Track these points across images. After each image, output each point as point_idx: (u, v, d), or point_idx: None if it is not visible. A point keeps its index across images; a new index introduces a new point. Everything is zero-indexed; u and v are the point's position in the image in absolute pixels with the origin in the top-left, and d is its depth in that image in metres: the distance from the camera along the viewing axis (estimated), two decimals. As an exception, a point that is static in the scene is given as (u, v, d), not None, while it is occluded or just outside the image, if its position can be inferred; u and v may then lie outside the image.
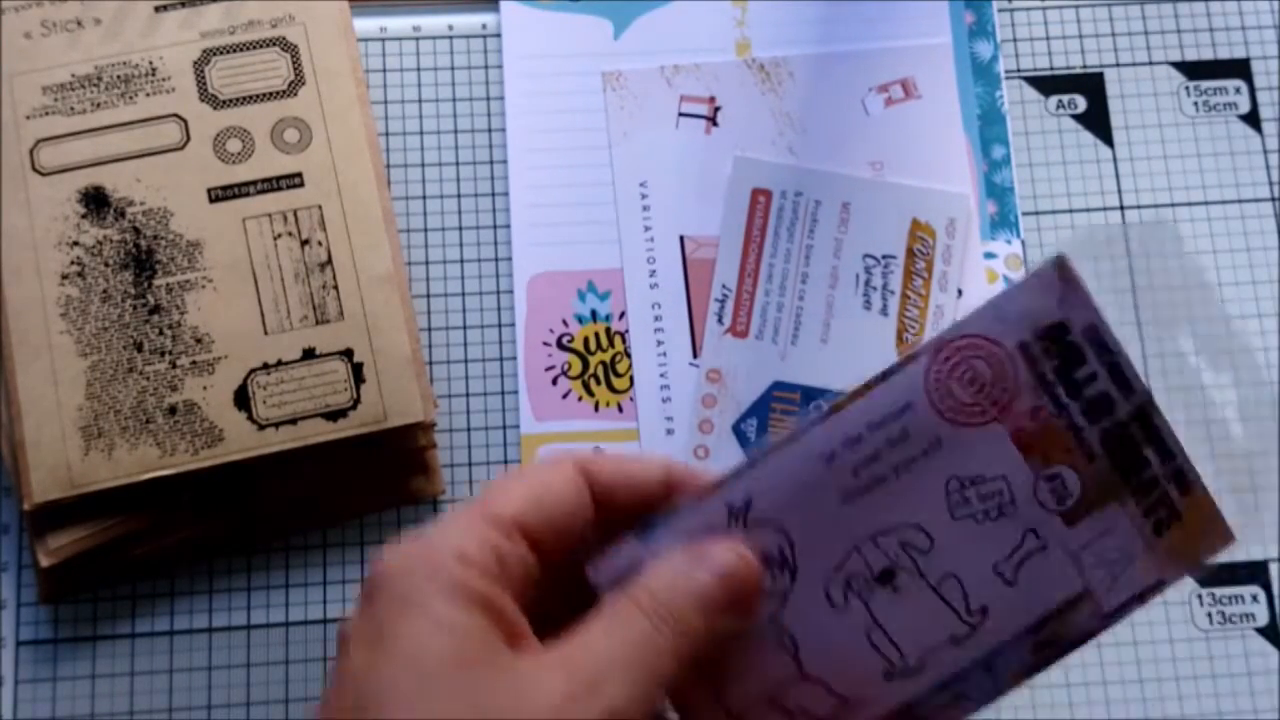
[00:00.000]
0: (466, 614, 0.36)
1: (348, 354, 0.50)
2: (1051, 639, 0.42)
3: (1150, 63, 0.58)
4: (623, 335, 0.54)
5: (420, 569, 0.37)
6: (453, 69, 0.56)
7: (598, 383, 0.53)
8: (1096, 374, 0.42)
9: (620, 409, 0.53)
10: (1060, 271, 0.41)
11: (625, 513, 0.40)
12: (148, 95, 0.51)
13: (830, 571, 0.41)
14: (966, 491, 0.42)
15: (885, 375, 0.41)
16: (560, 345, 0.54)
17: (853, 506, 0.41)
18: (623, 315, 0.54)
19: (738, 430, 0.53)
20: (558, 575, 0.39)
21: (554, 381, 0.53)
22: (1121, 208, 0.55)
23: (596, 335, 0.54)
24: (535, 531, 0.38)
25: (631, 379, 0.54)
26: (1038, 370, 0.41)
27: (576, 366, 0.54)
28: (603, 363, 0.54)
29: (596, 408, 0.53)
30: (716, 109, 0.56)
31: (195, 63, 0.52)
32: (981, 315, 0.41)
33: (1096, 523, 0.42)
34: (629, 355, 0.54)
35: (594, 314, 0.54)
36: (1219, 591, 0.52)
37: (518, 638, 0.37)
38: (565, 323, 0.54)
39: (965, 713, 0.42)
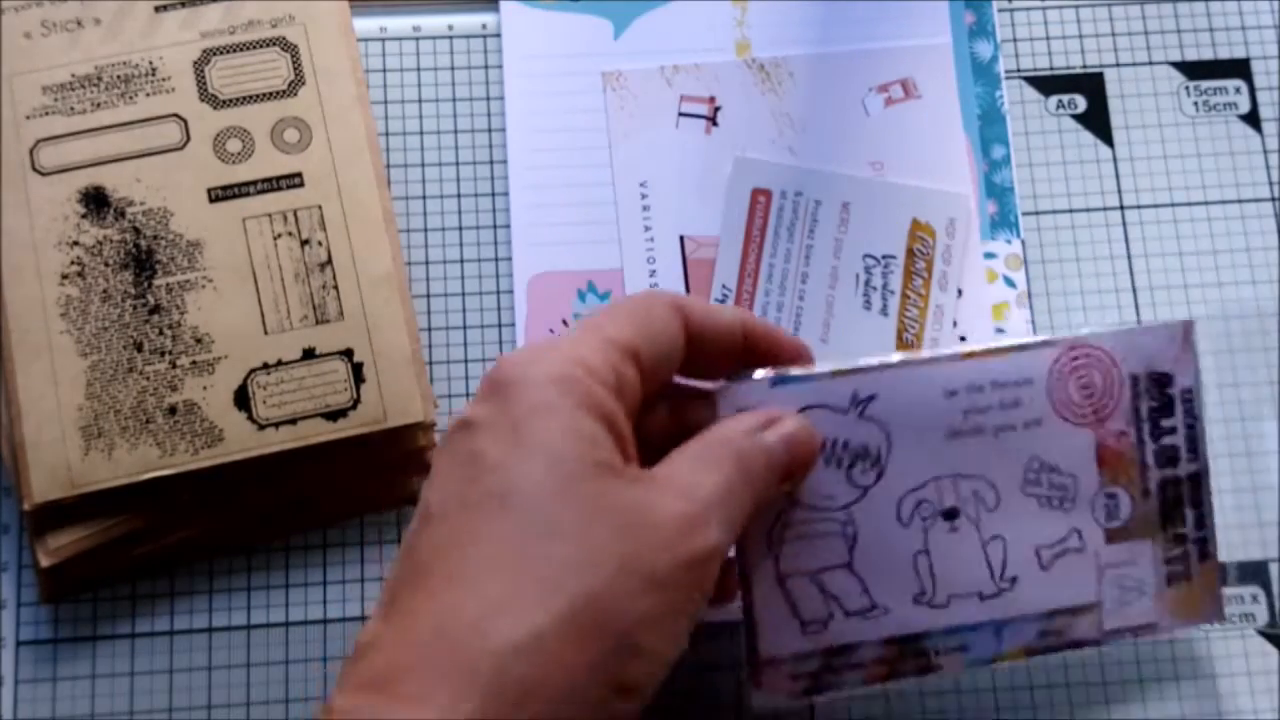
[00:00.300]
0: (595, 424, 0.38)
1: (348, 354, 0.50)
2: (1055, 630, 0.47)
3: (1150, 63, 0.58)
4: (623, 335, 0.54)
5: (554, 373, 0.38)
6: (452, 69, 0.56)
7: (598, 383, 0.53)
8: (1177, 429, 0.47)
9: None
10: (1185, 334, 0.48)
11: (706, 356, 0.43)
12: (148, 95, 0.51)
13: (909, 489, 0.46)
14: (1042, 474, 0.46)
15: (1020, 347, 0.47)
16: (560, 345, 0.54)
17: (950, 443, 0.46)
18: (623, 315, 0.54)
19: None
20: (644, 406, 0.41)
21: (554, 382, 0.53)
22: (1121, 208, 0.55)
23: (597, 335, 0.54)
24: (645, 359, 0.40)
25: (631, 379, 0.54)
26: (1137, 403, 0.47)
27: (577, 367, 0.54)
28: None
29: (597, 408, 0.53)
30: (716, 109, 0.56)
31: (195, 63, 0.52)
32: (1116, 336, 0.47)
33: (1128, 550, 0.47)
34: (629, 355, 0.54)
35: (594, 314, 0.54)
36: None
37: (629, 457, 0.39)
38: (566, 323, 0.54)
39: (961, 665, 0.46)
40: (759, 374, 0.44)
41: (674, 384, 0.43)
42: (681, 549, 0.37)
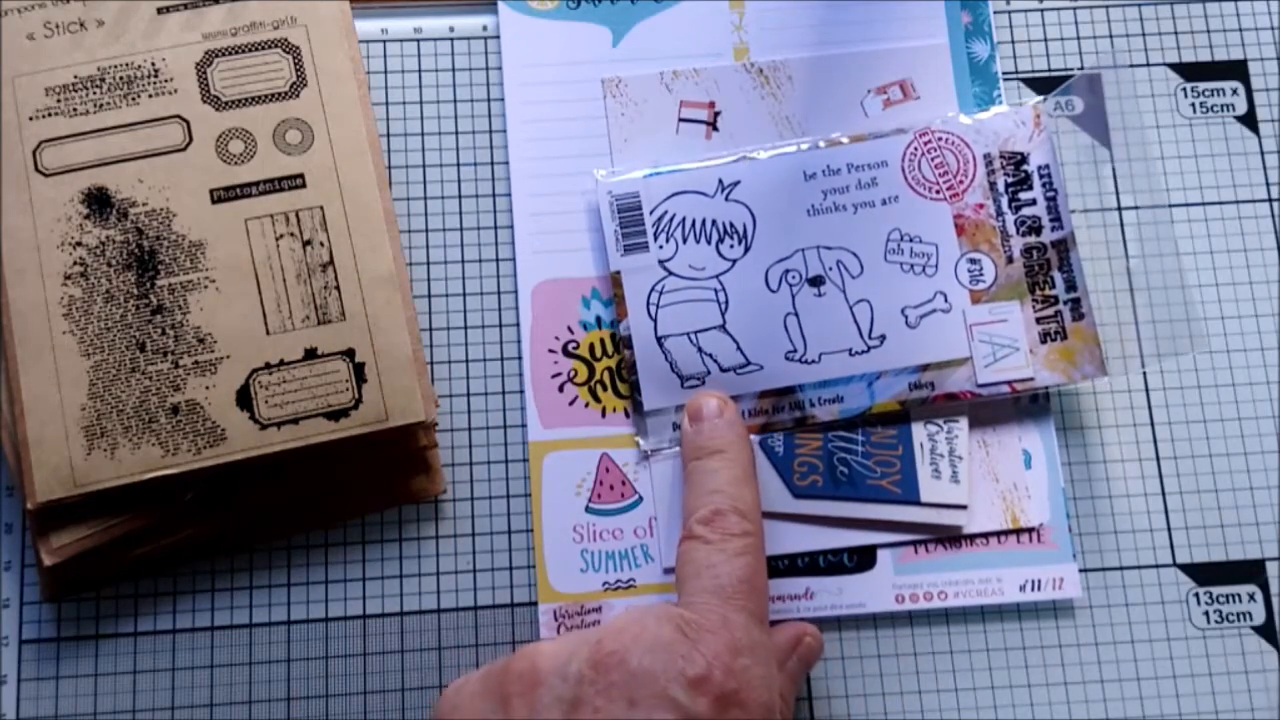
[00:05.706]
0: None
1: (349, 354, 0.50)
2: (927, 383, 0.51)
3: (1148, 64, 0.58)
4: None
5: None
6: (453, 70, 0.57)
7: (604, 389, 0.54)
8: (1037, 201, 0.52)
9: (627, 414, 0.53)
10: (1036, 117, 0.53)
11: None
12: (150, 96, 0.52)
13: (775, 260, 0.52)
14: (903, 244, 0.52)
15: (875, 135, 0.53)
16: (566, 352, 0.54)
17: (812, 219, 0.52)
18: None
19: (737, 430, 0.53)
20: None
21: (560, 389, 0.53)
22: (1119, 208, 0.56)
23: (601, 341, 0.54)
24: None
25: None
26: (992, 179, 0.52)
27: (583, 373, 0.54)
28: (609, 369, 0.54)
29: (604, 413, 0.53)
30: (716, 114, 0.56)
31: (198, 64, 0.52)
32: (966, 123, 0.53)
33: (996, 310, 0.52)
34: (630, 356, 0.54)
35: (598, 320, 0.54)
36: (1216, 590, 0.52)
37: None
38: (570, 329, 0.54)
39: (836, 414, 0.51)
40: (635, 173, 0.53)
41: None
42: None
